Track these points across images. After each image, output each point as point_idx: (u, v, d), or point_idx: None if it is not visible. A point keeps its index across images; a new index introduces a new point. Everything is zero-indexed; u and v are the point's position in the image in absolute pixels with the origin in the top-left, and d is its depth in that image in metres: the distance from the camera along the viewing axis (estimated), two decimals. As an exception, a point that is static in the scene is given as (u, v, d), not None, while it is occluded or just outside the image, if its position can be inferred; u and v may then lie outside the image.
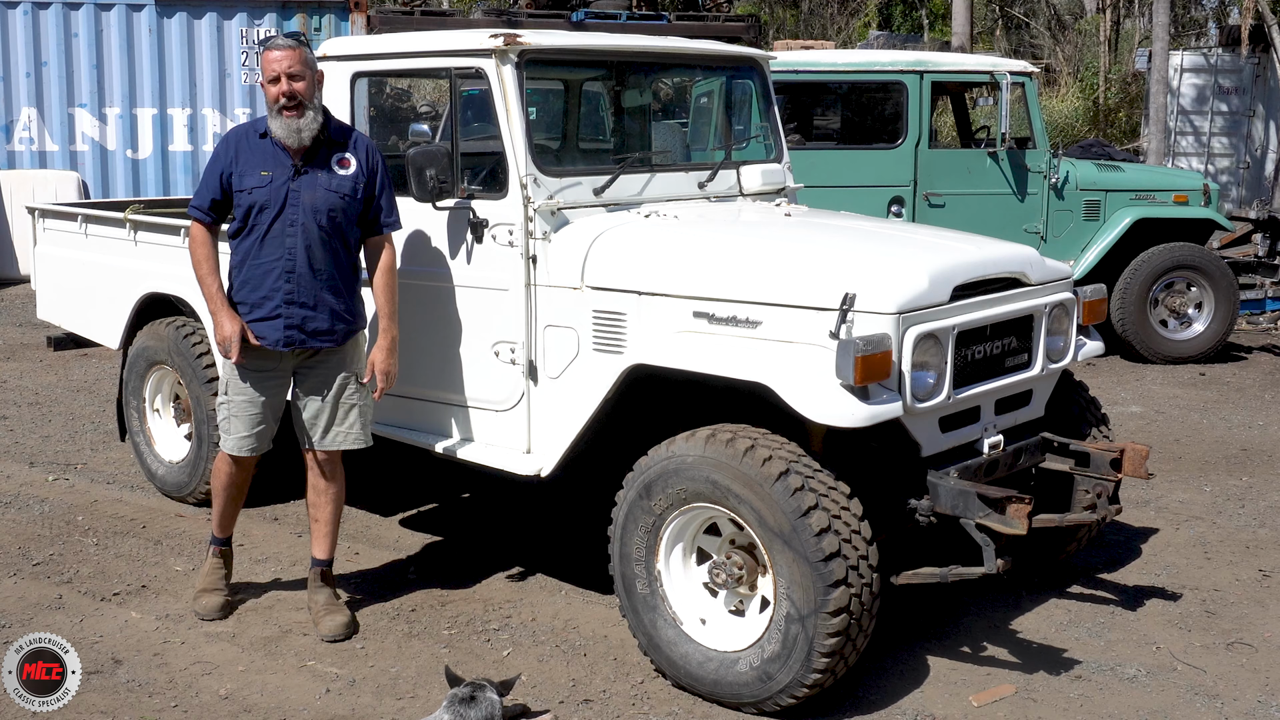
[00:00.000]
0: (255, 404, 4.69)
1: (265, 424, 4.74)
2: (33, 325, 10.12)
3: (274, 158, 4.54)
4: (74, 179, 13.17)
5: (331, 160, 4.57)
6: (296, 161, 4.53)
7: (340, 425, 4.73)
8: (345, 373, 4.72)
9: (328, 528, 4.82)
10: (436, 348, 4.98)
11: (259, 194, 4.52)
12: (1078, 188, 9.57)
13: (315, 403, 4.70)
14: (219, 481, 4.87)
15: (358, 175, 4.59)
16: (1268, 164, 18.08)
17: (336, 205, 4.55)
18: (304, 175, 4.53)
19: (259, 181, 4.52)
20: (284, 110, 4.47)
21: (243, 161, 4.56)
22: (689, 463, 4.06)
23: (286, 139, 4.50)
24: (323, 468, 4.76)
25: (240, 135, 4.66)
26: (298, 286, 4.54)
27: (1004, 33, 28.99)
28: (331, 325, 4.62)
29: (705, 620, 4.21)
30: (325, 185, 4.54)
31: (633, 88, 6.05)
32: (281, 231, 4.52)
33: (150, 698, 4.24)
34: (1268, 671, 4.46)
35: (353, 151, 4.62)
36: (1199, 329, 9.75)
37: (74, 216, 6.64)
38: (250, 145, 4.59)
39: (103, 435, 7.37)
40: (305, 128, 4.49)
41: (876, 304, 3.96)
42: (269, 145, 4.56)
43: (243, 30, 13.57)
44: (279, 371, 4.69)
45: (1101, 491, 4.69)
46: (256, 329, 4.58)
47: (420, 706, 4.16)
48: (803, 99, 9.86)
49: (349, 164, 4.59)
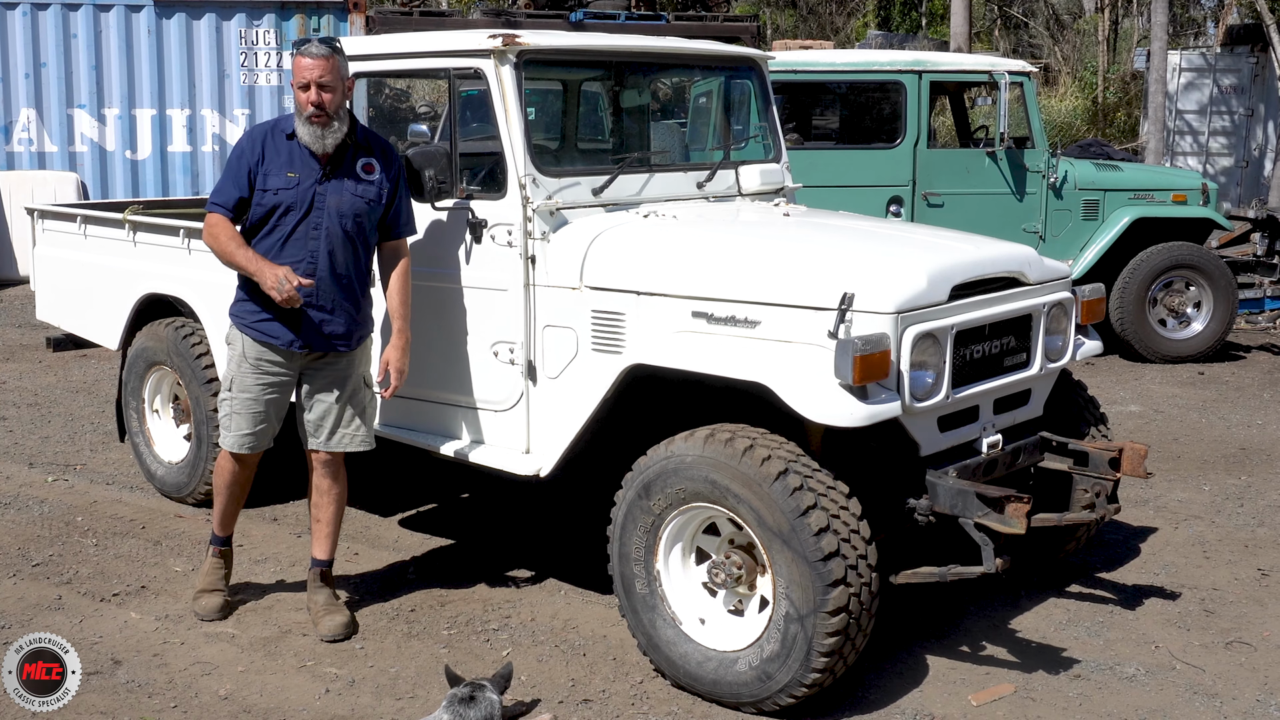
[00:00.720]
0: (259, 402, 4.68)
1: (267, 422, 4.74)
2: (32, 326, 10.12)
3: (301, 160, 4.54)
4: (73, 180, 13.17)
5: (357, 166, 4.58)
6: (325, 166, 4.53)
7: (347, 427, 4.73)
8: (354, 375, 4.73)
9: (329, 528, 4.82)
10: (436, 348, 4.98)
11: (285, 195, 4.51)
12: (1076, 187, 9.58)
13: (323, 404, 4.70)
14: (221, 480, 4.86)
15: (381, 181, 4.60)
16: (1266, 163, 18.08)
17: (362, 210, 4.56)
18: (331, 180, 4.53)
19: (285, 183, 4.51)
20: (312, 119, 4.46)
21: (269, 161, 4.54)
22: (688, 462, 4.06)
23: (311, 145, 4.50)
24: (327, 469, 4.77)
25: (266, 133, 4.63)
26: (318, 290, 4.53)
27: (1003, 32, 28.99)
28: (348, 330, 4.64)
29: (704, 620, 4.21)
30: (352, 191, 4.55)
31: (631, 88, 6.05)
32: (305, 234, 4.52)
33: (150, 698, 4.24)
34: (1266, 670, 4.46)
35: (378, 158, 4.62)
36: (1198, 328, 9.75)
37: (73, 217, 6.64)
38: (276, 145, 4.57)
39: (102, 436, 7.37)
40: (330, 136, 4.49)
41: (875, 304, 3.96)
42: (295, 147, 4.55)
43: (241, 31, 13.56)
44: (287, 371, 4.69)
45: (1100, 491, 4.69)
46: (271, 328, 4.58)
47: (420, 707, 4.16)
48: (801, 99, 9.87)
49: (373, 169, 4.60)
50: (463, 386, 4.92)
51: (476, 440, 4.93)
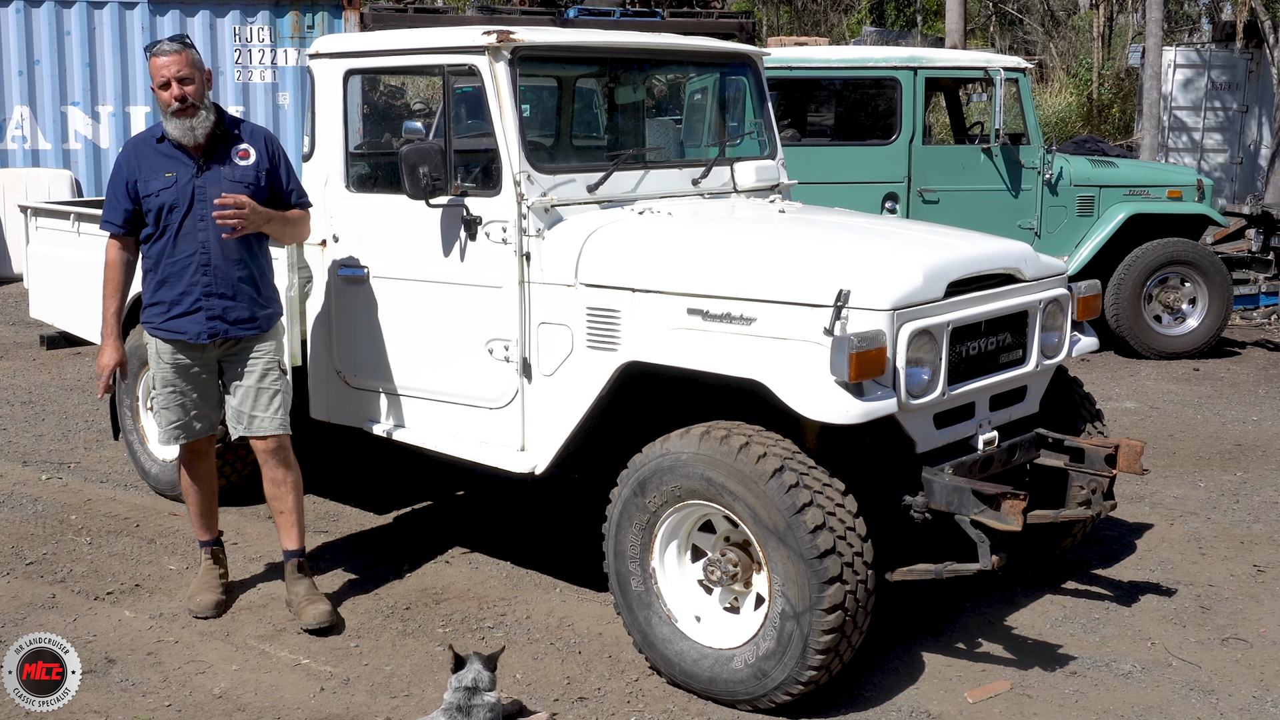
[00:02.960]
0: (180, 392, 4.78)
1: (197, 408, 4.82)
2: (25, 324, 10.10)
3: (175, 159, 4.65)
4: (67, 177, 13.14)
5: (231, 153, 4.70)
6: (198, 159, 4.64)
7: (265, 410, 4.77)
8: (269, 358, 4.79)
9: (293, 517, 4.84)
10: (430, 346, 4.97)
11: (166, 195, 4.62)
12: (1071, 183, 9.58)
13: (241, 389, 4.77)
14: (183, 485, 4.98)
15: (259, 164, 4.72)
16: (1261, 159, 18.09)
17: (242, 195, 4.63)
18: (208, 171, 4.65)
19: (164, 183, 4.63)
20: (177, 113, 4.56)
21: (145, 168, 4.67)
22: (683, 460, 4.05)
23: (182, 138, 4.61)
24: (275, 458, 4.79)
25: (138, 144, 4.78)
26: (215, 278, 4.64)
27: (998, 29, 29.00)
28: (252, 313, 4.73)
29: (700, 617, 4.21)
30: (229, 177, 4.65)
31: (626, 84, 6.04)
32: (193, 227, 4.62)
33: (144, 697, 4.23)
34: (1262, 667, 4.46)
35: (250, 142, 4.74)
36: (1193, 324, 9.76)
37: (66, 215, 6.62)
38: (150, 151, 4.70)
39: (96, 434, 7.36)
40: (199, 126, 4.60)
41: (871, 300, 3.96)
42: (168, 148, 4.67)
43: (235, 28, 13.53)
44: (203, 363, 4.77)
45: (1096, 487, 4.69)
46: (178, 325, 4.68)
47: (414, 705, 4.15)
48: (797, 95, 9.86)
49: (249, 155, 4.72)
50: (457, 384, 4.91)
51: (471, 438, 4.92)
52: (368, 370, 5.19)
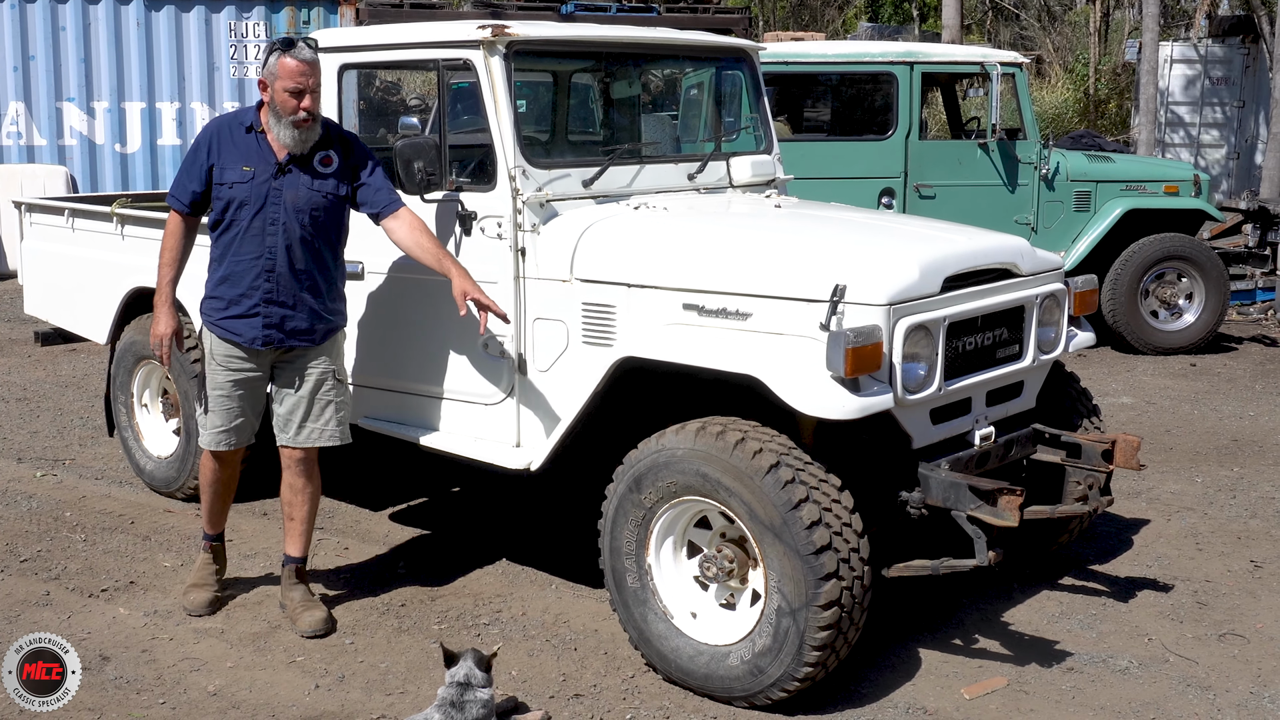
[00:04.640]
0: (231, 398, 4.66)
1: (244, 417, 4.71)
2: (20, 320, 10.07)
3: (258, 154, 4.49)
4: (62, 173, 13.11)
5: (315, 159, 4.53)
6: (281, 159, 4.49)
7: (315, 422, 4.67)
8: (323, 369, 4.67)
9: (303, 526, 4.76)
10: (425, 341, 4.96)
11: (239, 190, 4.47)
12: (1068, 179, 9.57)
13: (291, 399, 4.66)
14: (204, 478, 4.85)
15: (340, 172, 4.55)
16: (1257, 154, 18.08)
17: (320, 205, 4.52)
18: (288, 174, 4.49)
19: (240, 177, 4.47)
20: (299, 123, 4.42)
21: (225, 155, 4.51)
22: (679, 456, 4.04)
23: (293, 148, 4.46)
24: (300, 466, 4.70)
25: (223, 126, 4.59)
26: (277, 285, 4.50)
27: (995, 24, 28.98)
28: (311, 325, 4.59)
29: (696, 614, 4.20)
30: (308, 185, 4.50)
31: (622, 79, 6.03)
32: (262, 229, 4.48)
33: (138, 694, 4.21)
34: (1259, 662, 4.46)
35: (336, 149, 4.57)
36: (1190, 320, 9.76)
37: (61, 211, 6.60)
38: (234, 138, 4.53)
39: (91, 430, 7.34)
40: (310, 138, 4.48)
41: (867, 295, 3.94)
42: (254, 140, 4.51)
43: (230, 24, 13.50)
44: (255, 367, 4.65)
45: (1093, 483, 4.69)
46: (234, 325, 4.56)
47: (410, 702, 4.14)
48: (793, 90, 9.86)
49: (331, 161, 4.55)
50: (452, 380, 4.90)
51: (466, 434, 4.91)
52: (363, 366, 5.17)
